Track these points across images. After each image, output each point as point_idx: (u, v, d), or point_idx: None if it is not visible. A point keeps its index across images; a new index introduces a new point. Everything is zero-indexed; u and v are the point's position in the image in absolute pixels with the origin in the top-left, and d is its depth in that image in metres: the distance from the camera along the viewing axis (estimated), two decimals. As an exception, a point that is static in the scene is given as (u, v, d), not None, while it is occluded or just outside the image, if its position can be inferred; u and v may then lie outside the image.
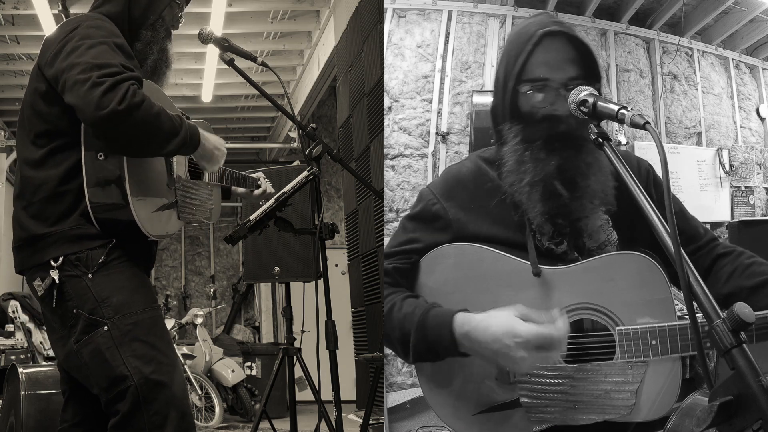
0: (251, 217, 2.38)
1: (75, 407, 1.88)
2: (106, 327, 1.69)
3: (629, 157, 1.88)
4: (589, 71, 1.68)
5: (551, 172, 1.65)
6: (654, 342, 1.53)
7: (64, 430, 1.88)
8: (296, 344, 3.20)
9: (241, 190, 2.35)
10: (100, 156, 1.69)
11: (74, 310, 1.71)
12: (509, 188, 1.71)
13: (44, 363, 5.07)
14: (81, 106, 1.57)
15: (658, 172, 1.85)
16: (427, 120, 4.95)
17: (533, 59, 1.66)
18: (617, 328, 1.56)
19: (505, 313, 1.51)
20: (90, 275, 1.70)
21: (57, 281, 1.70)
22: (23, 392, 3.48)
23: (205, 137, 1.83)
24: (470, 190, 1.77)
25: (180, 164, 1.92)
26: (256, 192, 2.39)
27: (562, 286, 1.61)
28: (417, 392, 4.49)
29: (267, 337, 9.05)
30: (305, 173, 2.46)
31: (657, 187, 1.82)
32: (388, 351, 4.14)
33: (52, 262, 1.70)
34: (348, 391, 4.16)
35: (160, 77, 1.95)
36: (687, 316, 1.40)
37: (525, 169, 1.67)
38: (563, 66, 1.66)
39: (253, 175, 2.42)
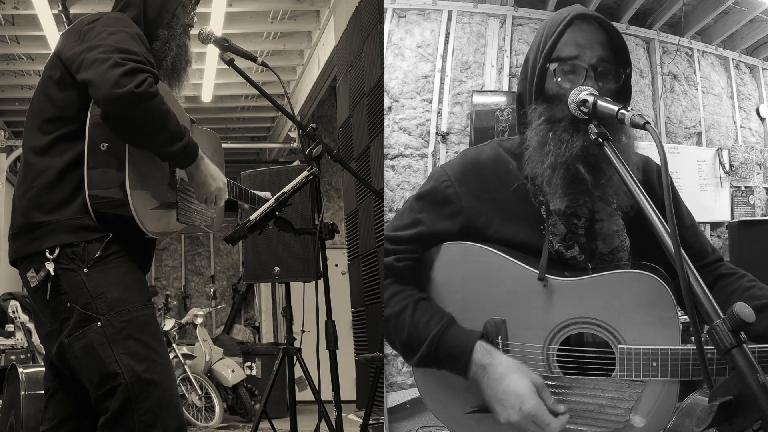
0: (251, 217, 2.38)
1: (57, 406, 1.86)
2: (99, 323, 1.68)
3: (637, 157, 1.81)
4: (619, 55, 1.66)
5: (575, 154, 1.57)
6: (655, 364, 1.51)
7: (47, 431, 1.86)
8: (296, 344, 3.20)
9: (247, 206, 2.35)
10: (103, 146, 1.69)
11: (68, 304, 1.69)
12: (530, 173, 1.64)
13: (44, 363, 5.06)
14: (98, 81, 1.59)
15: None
16: (427, 120, 4.95)
17: (564, 39, 1.63)
18: (619, 346, 1.55)
19: (524, 378, 1.54)
20: (85, 269, 1.69)
21: (52, 273, 1.68)
22: (23, 392, 3.49)
23: (205, 162, 1.83)
24: (487, 179, 1.71)
25: None
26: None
27: (567, 298, 1.59)
28: (417, 392, 4.48)
29: (267, 337, 9.04)
30: (305, 173, 2.46)
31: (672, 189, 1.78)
32: (388, 351, 4.14)
33: (47, 253, 1.69)
34: (348, 391, 4.16)
35: (179, 74, 1.97)
36: (691, 334, 1.39)
37: (547, 151, 1.60)
38: (593, 46, 1.62)
39: (260, 194, 2.42)
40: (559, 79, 1.62)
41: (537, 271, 1.60)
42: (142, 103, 1.59)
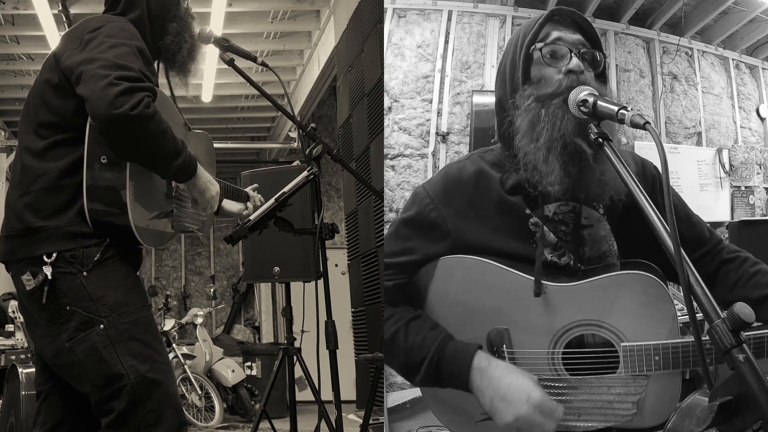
0: (251, 217, 2.38)
1: (49, 410, 1.85)
2: (102, 325, 1.68)
3: (633, 159, 1.82)
4: (593, 39, 1.70)
5: (573, 129, 1.52)
6: (657, 358, 1.54)
7: None
8: (296, 344, 3.20)
9: (229, 207, 2.32)
10: (103, 159, 1.68)
11: (67, 307, 1.69)
12: (522, 159, 1.60)
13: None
14: (94, 100, 1.57)
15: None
16: (427, 120, 4.95)
17: (544, 29, 1.67)
18: (622, 344, 1.57)
19: (524, 375, 1.56)
20: (85, 273, 1.69)
21: (50, 277, 1.67)
22: (23, 392, 3.49)
23: (200, 170, 1.82)
24: (471, 197, 1.69)
25: None
26: (245, 213, 2.38)
27: (568, 303, 1.60)
28: (417, 392, 4.48)
29: (267, 337, 9.05)
30: (305, 173, 2.46)
31: (663, 192, 1.79)
32: (388, 351, 4.13)
33: (44, 258, 1.68)
34: (348, 391, 4.16)
35: (195, 61, 1.97)
36: (690, 328, 1.41)
37: (541, 128, 1.55)
38: (572, 28, 1.67)
39: (246, 189, 2.41)
40: (546, 60, 1.63)
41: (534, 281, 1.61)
42: (137, 125, 1.57)
